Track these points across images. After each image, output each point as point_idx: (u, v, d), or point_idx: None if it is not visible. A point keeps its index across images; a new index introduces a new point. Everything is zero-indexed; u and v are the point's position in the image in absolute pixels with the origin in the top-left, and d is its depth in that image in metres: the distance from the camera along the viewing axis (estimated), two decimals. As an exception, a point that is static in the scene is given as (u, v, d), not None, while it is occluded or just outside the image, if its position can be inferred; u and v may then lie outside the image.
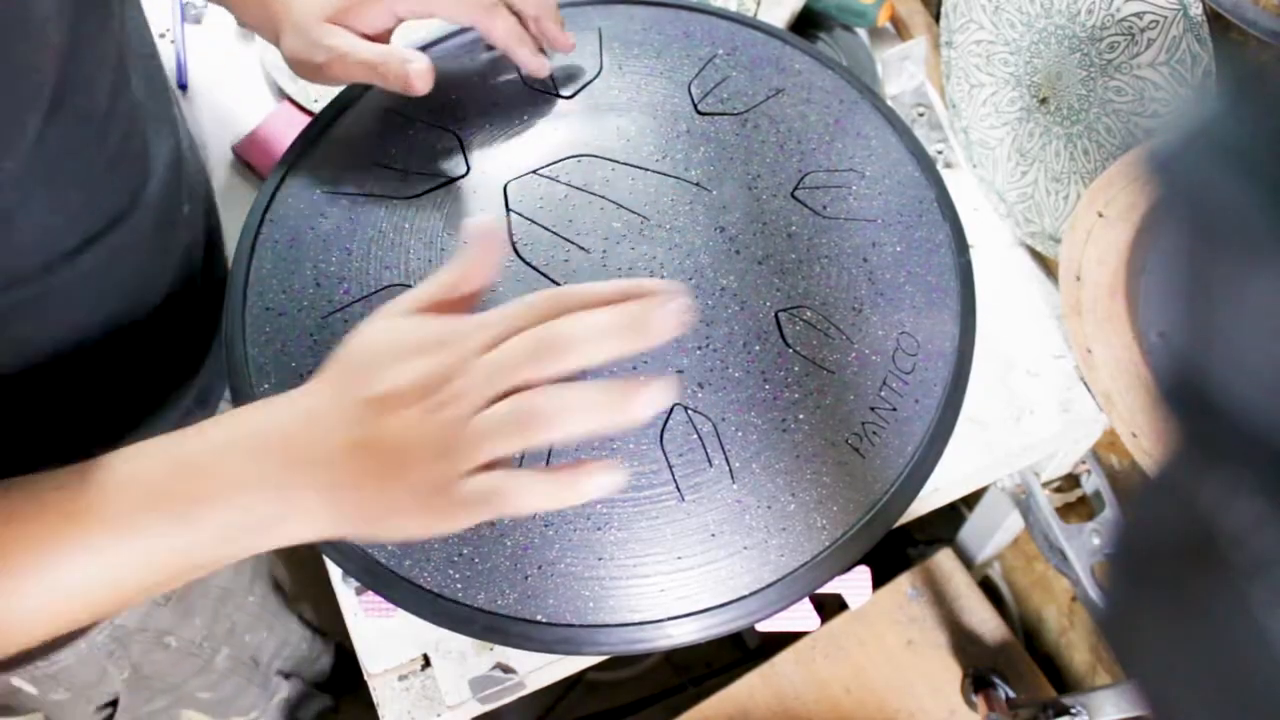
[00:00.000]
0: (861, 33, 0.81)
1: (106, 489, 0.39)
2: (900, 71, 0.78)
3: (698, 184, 0.58)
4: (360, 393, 0.39)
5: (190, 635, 0.73)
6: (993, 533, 0.97)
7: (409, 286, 0.55)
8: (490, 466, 0.38)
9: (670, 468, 0.52)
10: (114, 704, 0.71)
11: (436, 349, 0.38)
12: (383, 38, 0.57)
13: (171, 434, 0.40)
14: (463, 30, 0.65)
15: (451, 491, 0.38)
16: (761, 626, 0.54)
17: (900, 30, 0.83)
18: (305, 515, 0.39)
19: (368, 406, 0.38)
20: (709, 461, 0.52)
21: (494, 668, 0.60)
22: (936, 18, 0.79)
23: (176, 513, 0.38)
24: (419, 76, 0.54)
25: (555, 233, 0.57)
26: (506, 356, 0.37)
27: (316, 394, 0.40)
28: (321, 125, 0.63)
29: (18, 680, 0.65)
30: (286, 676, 0.91)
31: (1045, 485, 0.78)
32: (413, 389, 0.38)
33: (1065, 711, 0.71)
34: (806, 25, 0.79)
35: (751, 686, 0.92)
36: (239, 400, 0.55)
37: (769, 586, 0.51)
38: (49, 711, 0.68)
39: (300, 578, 1.34)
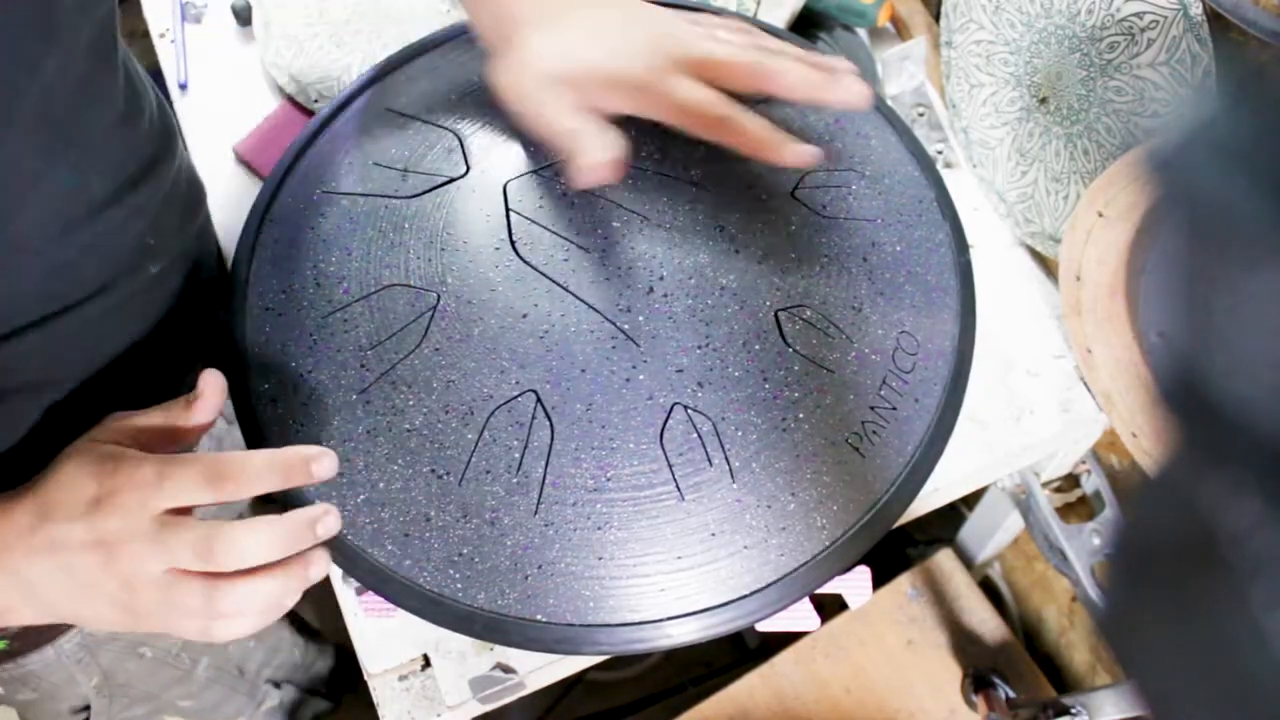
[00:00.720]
0: (861, 33, 0.81)
1: None
2: (900, 71, 0.78)
3: (697, 183, 0.58)
4: (48, 517, 0.44)
5: (166, 645, 0.73)
6: (993, 533, 0.97)
7: (409, 287, 0.55)
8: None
9: (670, 467, 0.52)
10: (87, 709, 0.71)
11: (113, 505, 0.43)
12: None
13: None
14: (462, 30, 0.65)
15: (145, 593, 0.44)
16: (762, 626, 0.54)
17: (900, 30, 0.83)
18: (9, 610, 0.45)
19: (52, 535, 0.44)
20: (709, 461, 0.52)
21: (494, 668, 0.60)
22: (936, 18, 0.79)
23: None
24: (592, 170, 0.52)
25: (555, 232, 0.57)
26: (174, 544, 0.43)
27: (19, 504, 0.45)
28: (321, 125, 0.63)
29: None
30: (277, 685, 0.91)
31: (1045, 485, 0.77)
32: (88, 537, 0.43)
33: (1065, 711, 0.71)
34: (806, 25, 0.79)
35: (751, 686, 0.92)
36: (239, 402, 0.55)
37: (769, 586, 0.51)
38: (20, 710, 0.68)
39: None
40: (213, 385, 0.49)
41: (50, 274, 0.49)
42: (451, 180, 0.59)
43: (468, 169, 0.59)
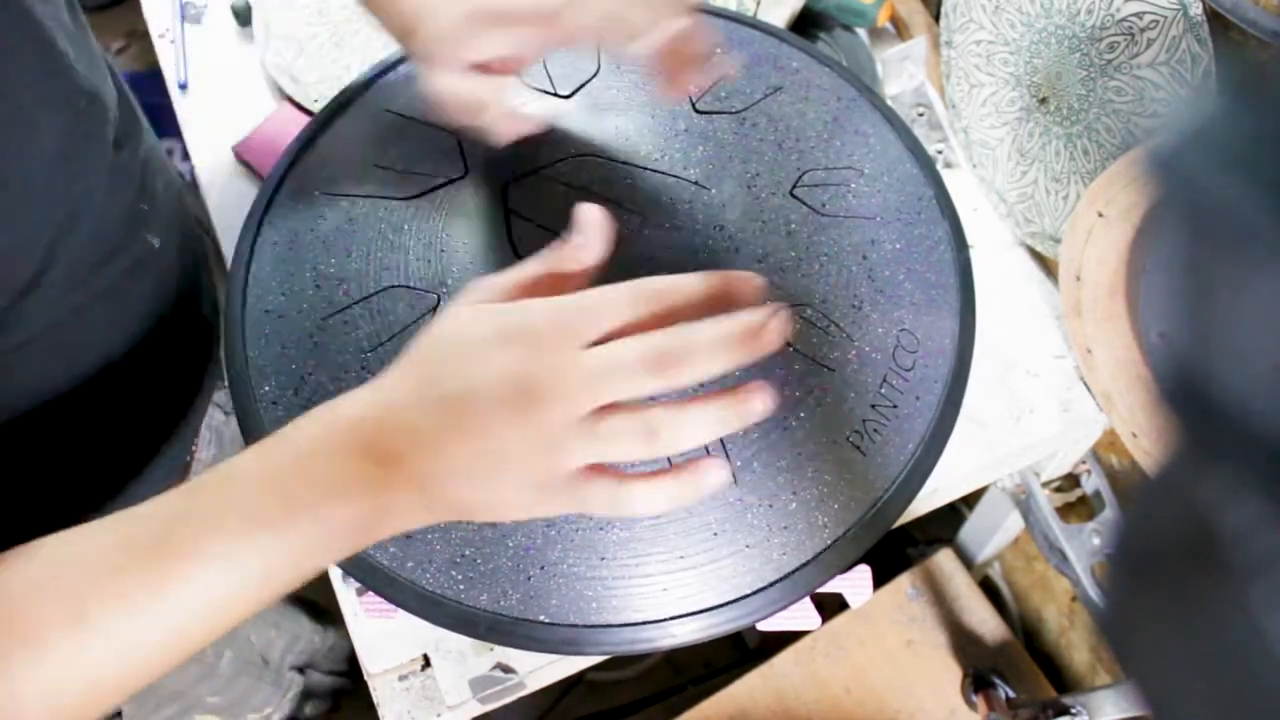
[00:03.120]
0: (861, 33, 0.81)
1: (204, 516, 0.37)
2: (900, 71, 0.78)
3: (696, 183, 0.58)
4: (441, 389, 0.37)
5: None
6: (993, 533, 0.97)
7: (409, 288, 0.55)
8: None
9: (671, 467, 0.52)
10: (118, 713, 0.71)
11: (527, 341, 0.37)
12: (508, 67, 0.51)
13: (258, 445, 0.39)
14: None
15: (556, 485, 0.37)
16: (763, 626, 0.54)
17: (900, 30, 0.83)
18: (400, 511, 0.38)
19: (450, 405, 0.37)
20: (709, 461, 0.52)
21: (494, 668, 0.60)
22: (936, 18, 0.79)
23: (275, 532, 0.37)
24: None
25: (555, 232, 0.57)
26: (617, 363, 0.36)
27: (396, 387, 0.38)
28: (321, 125, 0.63)
29: None
30: (301, 670, 0.91)
31: (1045, 485, 0.77)
32: (500, 393, 0.36)
33: (1065, 711, 0.71)
34: (806, 25, 0.79)
35: (751, 686, 0.92)
36: (239, 404, 0.55)
37: (772, 585, 0.51)
38: None
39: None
40: (593, 219, 0.41)
41: (51, 229, 0.48)
42: (451, 181, 0.59)
43: (467, 170, 0.59)
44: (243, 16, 0.80)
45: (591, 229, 0.41)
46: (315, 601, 1.00)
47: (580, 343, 0.37)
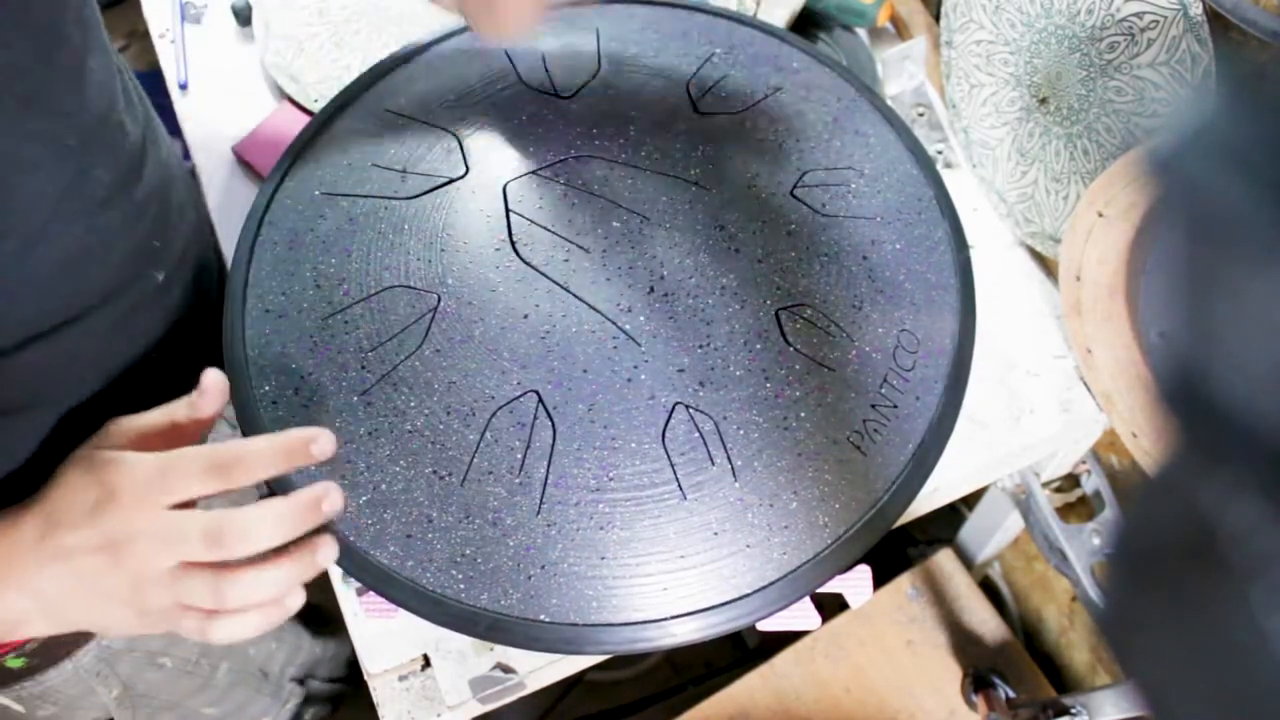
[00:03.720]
0: (861, 33, 0.81)
1: None
2: (900, 71, 0.78)
3: (697, 183, 0.59)
4: (54, 526, 0.45)
5: (184, 654, 0.73)
6: (993, 533, 0.97)
7: (409, 288, 0.55)
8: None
9: (672, 466, 0.52)
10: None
11: (119, 499, 0.44)
12: None
13: None
14: (462, 30, 0.65)
15: (153, 615, 0.45)
16: (763, 625, 0.54)
17: (900, 30, 0.83)
18: (25, 622, 0.45)
19: (59, 544, 0.44)
20: (711, 460, 0.52)
21: (494, 668, 0.61)
22: (936, 18, 0.79)
23: None
24: None
25: (555, 232, 0.57)
26: (182, 534, 0.43)
27: (25, 518, 0.46)
28: (321, 125, 0.63)
29: (4, 699, 0.65)
30: (301, 682, 0.91)
31: (1045, 485, 0.78)
32: (95, 539, 0.44)
33: (1065, 711, 0.71)
34: (806, 25, 0.79)
35: (751, 686, 0.92)
36: (239, 404, 0.55)
37: (772, 584, 0.51)
38: None
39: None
40: (214, 381, 0.48)
41: (55, 272, 0.49)
42: (451, 181, 0.59)
43: (467, 170, 0.59)
44: (243, 16, 0.80)
45: (211, 391, 0.48)
46: (318, 608, 1.00)
47: (159, 506, 0.44)
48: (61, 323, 0.51)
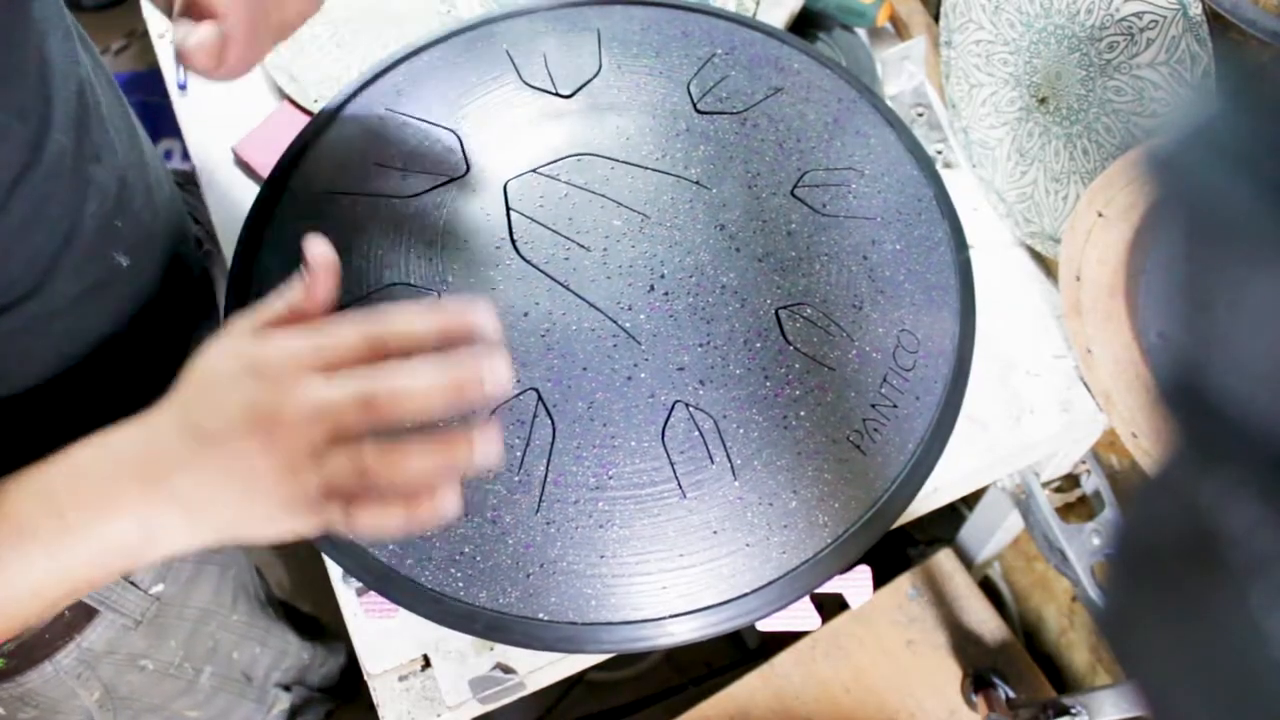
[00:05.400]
0: (861, 33, 0.81)
1: None
2: (900, 71, 0.78)
3: (697, 182, 0.59)
4: (196, 420, 0.42)
5: (166, 657, 0.73)
6: (993, 533, 0.97)
7: (410, 286, 0.55)
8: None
9: (672, 465, 0.52)
10: None
11: (265, 375, 0.41)
12: None
13: (36, 467, 0.42)
14: (461, 30, 0.65)
15: (299, 504, 0.41)
16: (762, 626, 0.54)
17: (900, 30, 0.83)
18: (166, 531, 0.42)
19: (204, 436, 0.41)
20: (710, 459, 0.52)
21: (494, 668, 0.60)
22: (936, 18, 0.79)
23: (47, 550, 0.41)
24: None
25: (555, 231, 0.57)
26: (333, 401, 0.40)
27: (159, 418, 0.43)
28: (321, 125, 0.63)
29: None
30: (287, 688, 0.90)
31: (1045, 485, 0.77)
32: (244, 422, 0.41)
33: (1065, 711, 0.71)
34: (806, 25, 0.79)
35: (751, 686, 0.92)
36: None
37: (772, 583, 0.51)
38: None
39: (299, 579, 1.34)
40: (319, 256, 0.44)
41: (10, 243, 0.47)
42: (452, 180, 0.59)
43: (468, 168, 0.59)
44: (243, 16, 0.80)
45: (319, 267, 0.44)
46: (309, 617, 0.99)
47: (311, 377, 0.41)
48: (22, 295, 0.49)
